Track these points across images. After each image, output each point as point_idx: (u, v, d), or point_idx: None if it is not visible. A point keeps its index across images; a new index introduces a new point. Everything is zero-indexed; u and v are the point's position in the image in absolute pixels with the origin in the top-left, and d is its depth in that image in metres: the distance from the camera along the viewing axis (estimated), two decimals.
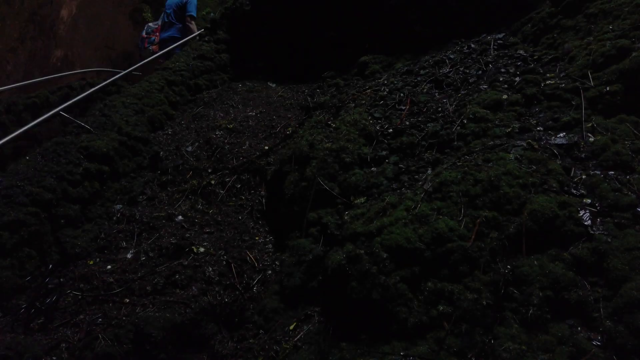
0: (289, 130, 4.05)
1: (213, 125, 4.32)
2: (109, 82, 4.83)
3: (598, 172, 2.08)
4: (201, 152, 3.99)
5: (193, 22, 6.83)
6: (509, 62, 3.33)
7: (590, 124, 2.38)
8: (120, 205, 3.46)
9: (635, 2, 2.74)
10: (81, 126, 3.79)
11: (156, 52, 6.54)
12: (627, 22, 2.71)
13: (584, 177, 2.08)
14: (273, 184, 3.46)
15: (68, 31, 10.20)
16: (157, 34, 7.17)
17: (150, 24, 7.54)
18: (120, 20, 10.46)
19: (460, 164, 2.40)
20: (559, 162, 2.19)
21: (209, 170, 3.75)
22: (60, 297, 2.63)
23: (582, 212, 1.88)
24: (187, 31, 6.74)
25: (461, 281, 1.86)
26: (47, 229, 2.96)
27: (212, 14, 10.07)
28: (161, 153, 3.95)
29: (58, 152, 3.39)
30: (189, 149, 4.02)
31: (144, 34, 7.33)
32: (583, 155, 2.22)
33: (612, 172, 2.06)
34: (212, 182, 3.63)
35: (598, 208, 1.90)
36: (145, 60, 5.89)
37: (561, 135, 2.40)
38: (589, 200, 1.94)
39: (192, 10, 6.93)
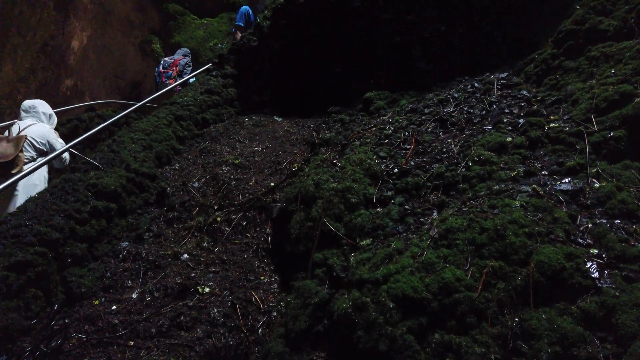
0: (294, 167, 4.08)
1: (220, 160, 4.37)
2: (120, 116, 4.91)
3: (604, 221, 2.08)
4: (207, 188, 4.02)
5: (238, 33, 7.26)
6: (513, 102, 3.37)
7: (595, 170, 2.40)
8: (127, 243, 3.47)
9: (636, 48, 2.78)
10: (90, 162, 3.84)
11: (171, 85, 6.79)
12: (629, 67, 2.75)
13: (590, 225, 2.08)
14: (279, 223, 3.47)
15: (78, 61, 10.42)
16: (174, 68, 7.38)
17: (166, 59, 7.77)
18: (129, 51, 10.69)
19: (466, 209, 2.41)
20: (564, 209, 2.20)
21: (215, 207, 3.78)
22: (65, 340, 2.62)
23: (589, 264, 1.87)
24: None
25: (469, 333, 1.85)
26: (54, 268, 2.97)
27: (219, 45, 10.29)
28: (168, 189, 3.99)
29: (67, 189, 3.42)
30: (196, 184, 4.06)
31: (160, 68, 7.53)
32: (589, 202, 2.23)
33: (619, 221, 2.06)
34: (218, 219, 3.64)
35: (605, 259, 1.89)
36: (160, 92, 6.06)
37: (566, 180, 2.41)
38: (596, 251, 1.94)
39: (238, 20, 7.48)
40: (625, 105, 2.55)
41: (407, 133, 3.57)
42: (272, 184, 3.89)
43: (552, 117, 2.96)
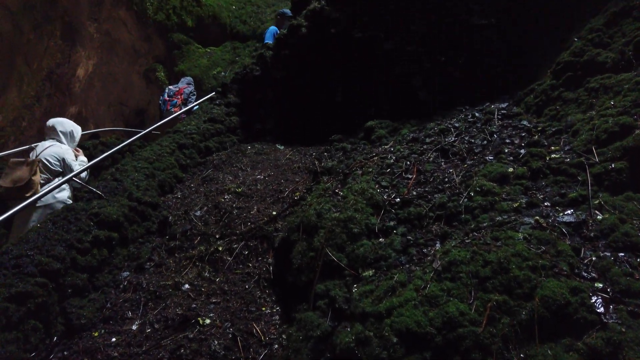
0: (296, 196, 4.09)
1: (222, 189, 4.38)
2: (125, 144, 4.94)
3: (608, 254, 2.07)
4: (209, 217, 4.02)
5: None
6: (514, 132, 3.40)
7: (597, 201, 2.40)
8: (128, 273, 3.45)
9: (634, 80, 2.82)
10: (93, 191, 3.86)
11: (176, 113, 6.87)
12: (628, 98, 2.78)
13: (594, 258, 2.07)
14: (281, 252, 3.46)
15: (83, 89, 10.57)
16: (179, 96, 7.49)
17: (170, 87, 7.89)
18: (134, 79, 10.84)
19: (469, 241, 2.40)
20: (568, 241, 2.19)
21: (217, 236, 3.77)
22: None
23: (594, 298, 1.86)
24: None
25: None
26: (54, 299, 2.95)
27: (222, 73, 10.44)
28: (170, 218, 3.99)
29: (69, 218, 3.43)
30: (198, 213, 4.06)
31: (165, 96, 7.64)
32: (592, 235, 2.22)
33: (623, 254, 2.05)
34: (220, 248, 3.63)
35: (610, 294, 1.87)
36: (165, 120, 6.15)
37: (569, 212, 2.40)
38: (601, 285, 1.92)
39: (268, 39, 7.49)
40: (626, 137, 2.56)
41: (408, 162, 3.59)
42: (274, 213, 3.89)
43: (553, 147, 2.98)
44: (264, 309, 3.15)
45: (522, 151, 3.07)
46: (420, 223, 2.95)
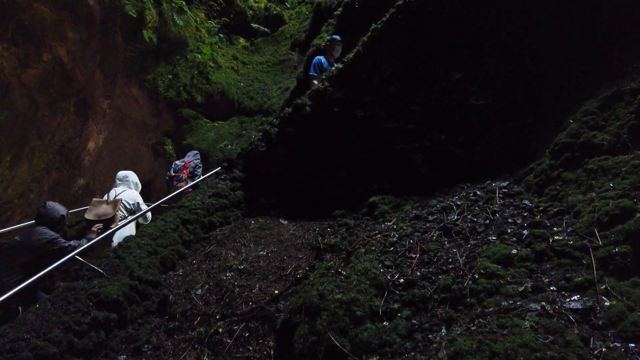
0: (299, 274, 4.05)
1: (224, 265, 4.35)
2: (129, 221, 5.00)
3: (618, 345, 2.01)
4: (210, 296, 3.96)
5: (313, 82, 7.33)
6: (516, 212, 3.41)
7: (603, 286, 2.36)
8: (125, 356, 3.35)
9: (632, 163, 2.87)
10: (94, 269, 3.84)
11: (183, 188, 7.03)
12: (626, 181, 2.82)
13: (604, 349, 2.00)
14: (282, 335, 3.36)
15: (92, 161, 10.82)
16: (185, 170, 7.66)
17: (177, 162, 8.08)
18: (142, 152, 11.12)
19: (475, 328, 2.34)
20: (576, 330, 2.13)
21: (217, 317, 3.69)
22: None
23: None
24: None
25: None
26: None
27: (229, 146, 10.70)
28: (170, 297, 3.93)
29: (68, 299, 3.39)
30: (199, 292, 4.00)
31: (171, 172, 7.80)
32: (600, 323, 2.17)
33: (633, 345, 1.99)
34: (220, 329, 3.54)
35: None
36: (172, 194, 6.29)
37: (575, 298, 2.36)
38: None
39: (311, 72, 7.68)
40: (627, 220, 2.57)
41: (411, 241, 3.58)
42: (276, 292, 3.83)
43: (555, 228, 2.98)
44: None
45: (525, 232, 3.07)
46: (425, 306, 2.89)
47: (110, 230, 4.85)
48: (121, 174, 6.66)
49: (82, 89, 10.04)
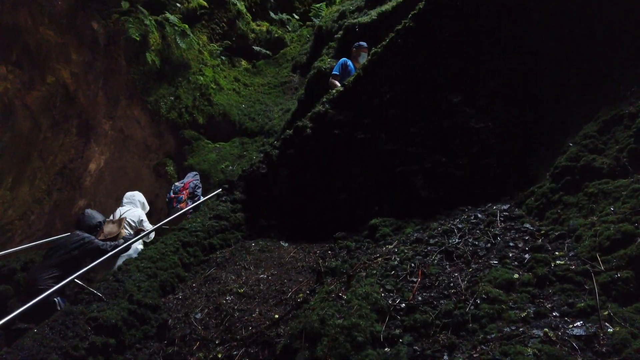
0: (300, 297, 4.01)
1: (224, 289, 4.32)
2: (131, 242, 4.99)
3: None
4: (210, 320, 3.92)
5: (334, 81, 7.38)
6: (517, 235, 3.40)
7: (606, 312, 2.34)
8: None
9: (632, 187, 2.88)
10: (93, 293, 3.81)
11: (183, 209, 7.04)
12: (627, 205, 2.81)
13: None
14: None
15: (93, 182, 10.84)
16: (184, 191, 7.67)
17: (176, 184, 8.10)
18: (144, 173, 11.14)
19: (477, 355, 2.31)
20: (579, 358, 2.10)
21: (217, 342, 3.65)
22: None
23: None
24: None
25: None
26: None
27: (230, 167, 10.73)
28: (169, 321, 3.89)
29: (67, 323, 3.36)
30: (198, 316, 3.97)
31: (171, 194, 7.82)
32: (604, 350, 2.14)
33: None
34: (219, 355, 3.50)
35: None
36: (173, 217, 6.30)
37: (578, 324, 2.34)
38: None
39: (335, 70, 7.68)
40: (629, 245, 2.56)
41: (413, 265, 3.56)
42: (277, 316, 3.79)
43: (557, 253, 2.96)
44: None
45: (527, 256, 3.06)
46: (427, 332, 2.86)
47: (120, 247, 5.06)
48: (129, 194, 7.08)
49: (85, 110, 10.13)
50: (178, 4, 11.29)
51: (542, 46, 4.42)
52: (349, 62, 7.81)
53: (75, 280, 3.93)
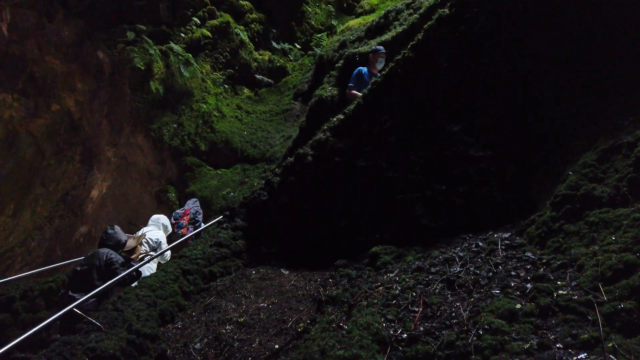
0: (300, 327, 3.96)
1: (224, 318, 4.27)
2: (132, 270, 4.97)
3: None
4: (209, 350, 3.87)
5: (352, 92, 7.32)
6: (518, 265, 3.39)
7: (610, 344, 2.31)
8: None
9: (633, 216, 2.88)
10: (92, 322, 3.78)
11: (185, 235, 7.12)
12: (628, 234, 2.81)
13: None
14: None
15: (95, 209, 10.86)
16: (185, 217, 7.73)
17: (177, 211, 8.17)
18: (145, 199, 11.17)
19: None
20: None
21: None
22: None
23: None
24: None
25: None
26: None
27: (232, 193, 10.76)
28: (168, 351, 3.84)
29: (64, 354, 3.32)
30: (197, 346, 3.91)
31: (172, 220, 7.89)
32: None
33: None
34: None
35: None
36: (174, 244, 6.35)
37: (582, 356, 2.31)
38: None
39: (351, 82, 7.65)
40: (631, 275, 2.55)
41: (414, 294, 3.53)
42: (277, 347, 3.74)
43: (559, 282, 2.94)
44: None
45: (529, 285, 3.03)
46: None
47: (129, 270, 5.34)
48: (154, 216, 7.62)
49: (89, 138, 10.23)
50: (182, 34, 11.54)
51: (541, 76, 4.49)
52: (364, 71, 7.79)
53: (74, 310, 3.91)
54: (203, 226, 7.50)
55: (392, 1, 12.40)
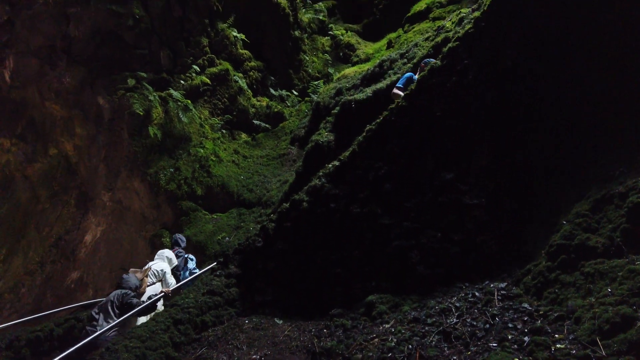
0: None
1: None
2: (122, 320, 4.85)
3: None
4: None
5: (398, 92, 7.01)
6: (515, 316, 3.33)
7: None
8: None
9: (627, 268, 2.86)
10: None
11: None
12: (624, 287, 2.78)
13: None
14: None
15: (88, 254, 10.71)
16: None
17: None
18: (139, 244, 11.04)
19: None
20: None
21: None
22: None
23: None
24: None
25: None
26: None
27: (227, 238, 10.67)
28: None
29: None
30: None
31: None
32: None
33: None
34: None
35: None
36: (178, 285, 6.32)
37: None
38: None
39: (399, 82, 7.37)
40: (629, 329, 2.50)
41: (410, 346, 3.45)
42: None
43: (557, 335, 2.89)
44: None
45: (526, 338, 2.97)
46: None
47: (140, 307, 5.73)
48: (160, 251, 8.03)
49: (85, 182, 10.24)
50: (182, 81, 11.78)
51: (532, 126, 4.57)
52: (415, 77, 7.73)
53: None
54: (198, 272, 7.47)
55: (386, 51, 12.79)
